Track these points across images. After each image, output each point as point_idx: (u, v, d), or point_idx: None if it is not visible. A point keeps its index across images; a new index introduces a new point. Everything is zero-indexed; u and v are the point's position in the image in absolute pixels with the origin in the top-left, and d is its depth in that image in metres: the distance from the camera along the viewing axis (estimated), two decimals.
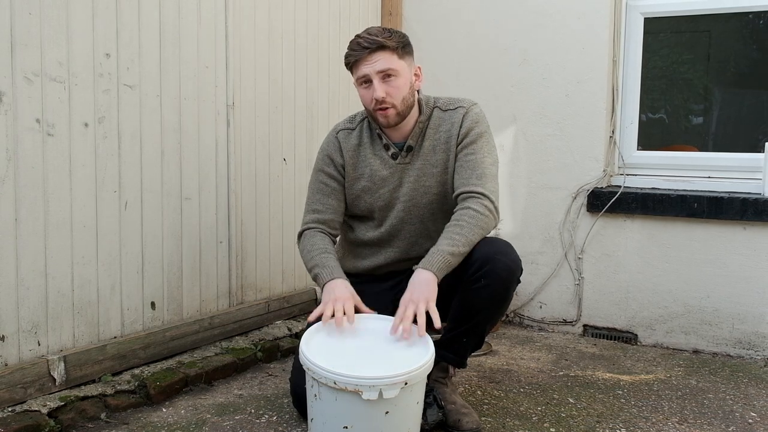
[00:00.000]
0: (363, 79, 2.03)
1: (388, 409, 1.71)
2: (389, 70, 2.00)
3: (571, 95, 3.15)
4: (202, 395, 2.29)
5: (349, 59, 2.05)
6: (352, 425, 1.73)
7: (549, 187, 3.22)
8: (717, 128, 4.56)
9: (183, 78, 2.44)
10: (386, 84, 2.01)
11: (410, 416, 1.80)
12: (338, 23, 3.20)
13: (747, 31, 4.39)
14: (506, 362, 2.74)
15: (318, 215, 2.16)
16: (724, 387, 2.51)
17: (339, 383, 1.69)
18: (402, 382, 1.69)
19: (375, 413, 1.71)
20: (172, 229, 2.44)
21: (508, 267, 1.98)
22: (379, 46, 1.99)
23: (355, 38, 2.04)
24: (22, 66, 1.94)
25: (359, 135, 2.19)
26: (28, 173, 1.98)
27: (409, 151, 2.14)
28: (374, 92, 2.00)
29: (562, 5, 3.14)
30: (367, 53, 1.99)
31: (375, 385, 1.67)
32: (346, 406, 1.71)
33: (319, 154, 2.23)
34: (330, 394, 1.72)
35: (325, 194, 2.18)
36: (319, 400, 1.76)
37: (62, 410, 1.99)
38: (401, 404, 1.73)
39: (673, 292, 2.98)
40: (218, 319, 2.62)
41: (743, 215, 2.80)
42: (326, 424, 1.77)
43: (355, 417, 1.72)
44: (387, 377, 1.68)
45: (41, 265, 2.03)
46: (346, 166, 2.18)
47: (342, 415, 1.73)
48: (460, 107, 2.14)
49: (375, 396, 1.67)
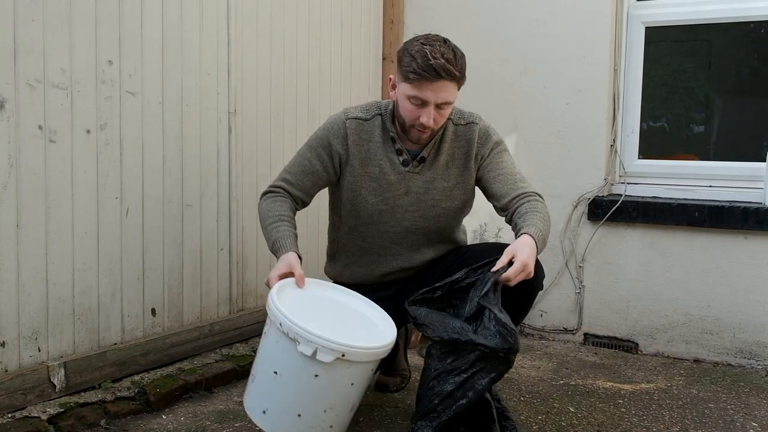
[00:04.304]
0: (418, 100, 1.97)
1: (318, 373, 1.71)
2: (448, 102, 1.99)
3: (572, 104, 3.15)
4: (202, 402, 2.29)
5: (413, 76, 1.94)
6: (281, 373, 1.75)
7: (550, 196, 3.20)
8: (718, 137, 4.56)
9: (185, 85, 2.45)
10: (438, 112, 1.99)
11: (338, 392, 1.78)
12: (340, 30, 3.21)
13: (748, 40, 4.40)
14: None
15: (288, 186, 2.15)
16: (725, 396, 2.50)
17: (283, 326, 1.72)
18: (340, 353, 1.70)
19: (304, 371, 1.72)
20: (173, 235, 2.45)
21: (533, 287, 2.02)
22: (450, 77, 1.94)
23: (425, 51, 1.93)
24: (25, 72, 1.95)
25: (371, 130, 2.13)
26: (30, 179, 1.98)
27: (421, 162, 2.12)
28: (423, 117, 1.97)
29: (563, 14, 3.15)
30: (437, 80, 1.93)
31: (312, 342, 1.68)
32: (281, 351, 1.75)
33: (319, 131, 2.17)
34: (274, 335, 1.76)
35: (305, 173, 2.15)
36: (266, 337, 1.81)
37: (62, 417, 1.99)
38: (332, 375, 1.73)
39: (674, 301, 2.98)
40: (218, 326, 2.62)
41: (744, 224, 2.80)
42: (261, 363, 1.81)
43: (286, 365, 1.74)
44: (327, 340, 1.69)
45: (42, 271, 2.03)
46: (349, 158, 2.12)
47: (276, 359, 1.77)
48: (473, 123, 2.15)
49: (309, 352, 1.68)
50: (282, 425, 1.78)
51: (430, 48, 1.94)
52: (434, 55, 1.92)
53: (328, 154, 2.12)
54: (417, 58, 1.93)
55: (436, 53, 1.92)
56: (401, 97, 2.01)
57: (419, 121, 1.99)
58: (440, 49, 1.94)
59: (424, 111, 1.97)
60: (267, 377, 1.79)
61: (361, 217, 2.17)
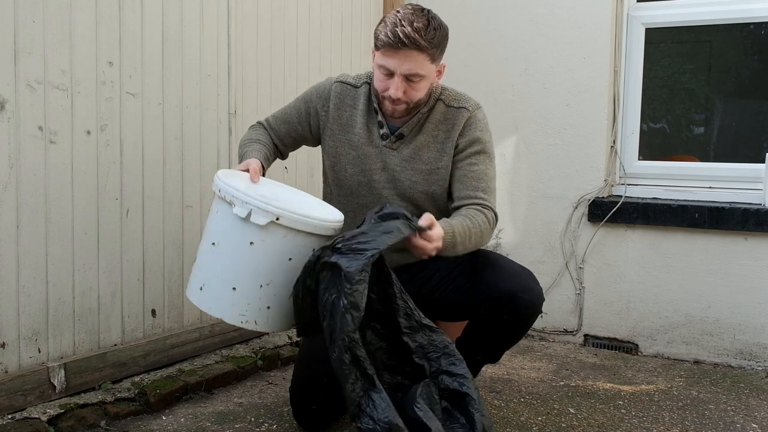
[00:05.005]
0: (385, 69, 1.89)
1: (254, 240, 1.68)
2: (416, 74, 1.87)
3: (573, 105, 3.15)
4: (202, 403, 2.29)
5: (379, 43, 1.87)
6: (218, 242, 1.72)
7: (550, 197, 3.22)
8: (718, 138, 4.57)
9: (185, 86, 2.45)
10: (407, 84, 1.89)
11: (275, 266, 1.71)
12: (340, 31, 3.21)
13: (748, 41, 4.40)
14: (507, 372, 2.74)
15: (268, 127, 2.18)
16: (725, 398, 2.50)
17: (222, 191, 1.70)
18: (274, 215, 1.66)
19: (241, 237, 1.68)
20: (173, 236, 2.45)
21: (533, 305, 1.95)
22: (416, 46, 1.82)
23: (396, 18, 1.85)
24: (26, 74, 1.95)
25: (357, 97, 2.06)
26: (30, 180, 1.98)
27: (399, 138, 2.02)
28: (391, 88, 1.89)
29: (563, 15, 3.15)
30: (399, 48, 1.83)
31: (248, 203, 1.65)
32: (220, 219, 1.72)
33: (311, 87, 2.16)
34: (215, 205, 1.74)
35: (284, 120, 2.16)
36: (210, 212, 1.78)
37: (62, 418, 1.99)
38: (268, 243, 1.68)
39: (674, 303, 2.98)
40: (219, 327, 2.62)
41: (744, 225, 2.80)
42: (203, 239, 1.78)
43: (224, 234, 1.71)
44: (262, 202, 1.66)
45: (42, 273, 2.03)
46: (328, 121, 2.07)
47: (215, 230, 1.74)
48: (464, 108, 2.02)
49: (244, 214, 1.65)
50: (217, 300, 1.72)
51: (402, 15, 1.85)
52: (402, 23, 1.82)
53: (306, 109, 2.12)
54: (387, 26, 1.85)
55: (404, 21, 1.83)
56: (374, 65, 1.94)
57: (388, 93, 1.90)
58: (411, 17, 1.84)
59: (392, 82, 1.88)
60: (205, 251, 1.76)
61: (342, 187, 2.09)
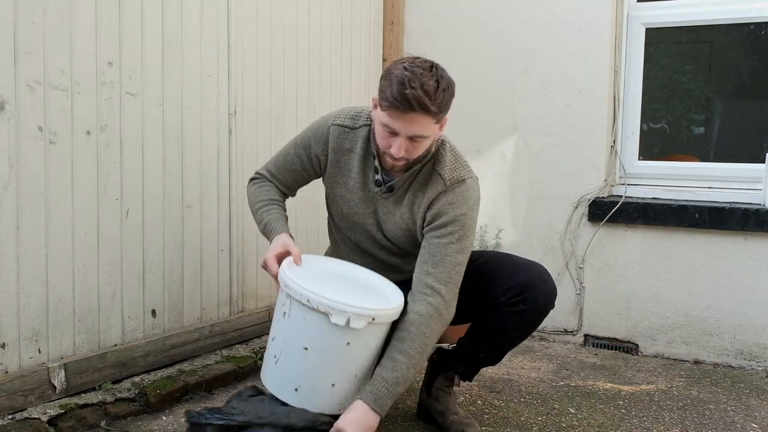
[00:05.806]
0: (389, 129, 1.81)
1: (350, 341, 1.76)
2: (420, 135, 1.80)
3: (573, 105, 3.15)
4: (202, 403, 2.29)
5: (385, 103, 1.78)
6: (312, 347, 1.77)
7: (550, 197, 3.22)
8: (718, 138, 4.56)
9: (185, 86, 2.45)
10: (409, 143, 1.81)
11: (366, 357, 1.83)
12: (340, 31, 3.21)
13: (748, 41, 4.40)
14: (507, 372, 2.74)
15: (272, 177, 2.15)
16: (725, 398, 2.50)
17: (312, 302, 1.73)
18: (371, 317, 1.74)
19: (337, 340, 1.75)
20: (173, 237, 2.45)
21: (549, 295, 2.00)
22: (424, 111, 1.74)
23: (404, 77, 1.74)
24: (25, 74, 1.95)
25: (354, 140, 2.02)
26: (30, 181, 1.98)
27: (390, 190, 1.99)
28: (393, 147, 1.82)
29: (563, 15, 3.15)
30: (409, 112, 1.74)
31: (345, 311, 1.72)
32: (312, 327, 1.76)
33: (306, 130, 2.10)
34: (300, 312, 1.77)
35: (287, 169, 2.12)
36: (288, 318, 1.81)
37: (62, 418, 1.99)
38: (363, 340, 1.78)
39: (675, 303, 2.98)
40: (219, 327, 2.62)
41: (744, 225, 2.80)
42: (287, 343, 1.82)
43: (318, 339, 1.77)
44: (358, 307, 1.74)
45: (42, 273, 2.03)
46: (328, 162, 2.04)
47: (306, 336, 1.78)
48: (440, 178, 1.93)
49: (342, 322, 1.72)
50: (317, 399, 1.80)
51: (410, 75, 1.73)
52: (412, 84, 1.72)
53: (308, 156, 2.08)
54: (393, 84, 1.74)
55: (414, 82, 1.72)
56: (376, 121, 1.86)
57: (390, 150, 1.84)
58: (421, 78, 1.73)
59: (395, 141, 1.81)
60: (296, 355, 1.80)
61: (341, 220, 2.12)
